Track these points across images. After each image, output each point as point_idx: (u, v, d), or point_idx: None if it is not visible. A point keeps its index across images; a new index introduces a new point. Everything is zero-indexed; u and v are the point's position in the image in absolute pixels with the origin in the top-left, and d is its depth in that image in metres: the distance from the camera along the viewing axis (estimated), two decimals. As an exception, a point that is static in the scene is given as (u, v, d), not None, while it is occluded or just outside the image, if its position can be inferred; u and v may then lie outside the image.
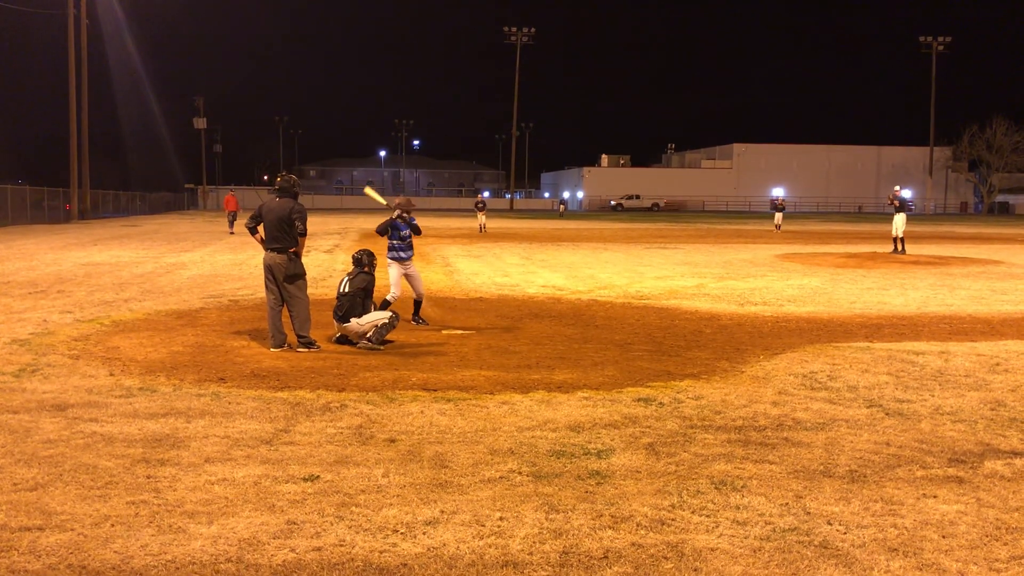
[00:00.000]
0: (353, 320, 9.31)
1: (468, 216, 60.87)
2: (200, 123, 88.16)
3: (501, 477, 5.08)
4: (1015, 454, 5.64)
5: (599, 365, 8.48)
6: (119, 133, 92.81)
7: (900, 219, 24.39)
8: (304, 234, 9.02)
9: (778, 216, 41.81)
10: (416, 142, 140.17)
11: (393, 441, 5.79)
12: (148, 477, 5.02)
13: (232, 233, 33.13)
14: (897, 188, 25.94)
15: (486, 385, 7.49)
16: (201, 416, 6.37)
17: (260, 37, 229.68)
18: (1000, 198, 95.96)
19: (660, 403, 6.90)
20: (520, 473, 5.15)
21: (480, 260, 21.66)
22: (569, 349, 9.34)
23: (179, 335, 10.02)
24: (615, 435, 5.99)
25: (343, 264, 20.29)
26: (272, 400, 6.88)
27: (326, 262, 20.79)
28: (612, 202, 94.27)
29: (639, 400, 6.99)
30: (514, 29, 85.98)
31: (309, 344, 9.06)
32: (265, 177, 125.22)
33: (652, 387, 7.49)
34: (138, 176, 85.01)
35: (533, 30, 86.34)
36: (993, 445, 5.84)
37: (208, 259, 21.68)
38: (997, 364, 8.58)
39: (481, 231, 36.65)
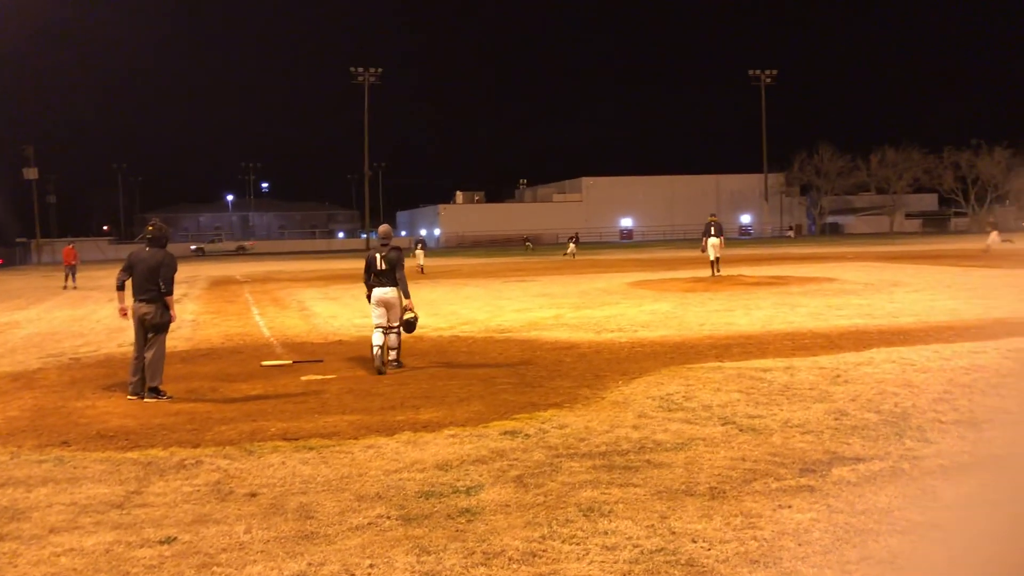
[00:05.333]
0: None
1: (323, 259, 60.02)
2: (31, 173, 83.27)
3: (369, 523, 4.98)
4: (859, 460, 5.97)
5: (464, 401, 8.47)
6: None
7: (714, 243, 25.50)
8: (170, 293, 9.14)
9: (571, 247, 46.53)
10: (265, 185, 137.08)
11: (254, 495, 5.59)
12: (-16, 555, 4.64)
13: (70, 288, 31.33)
14: (712, 215, 27.41)
15: (349, 430, 7.34)
16: (43, 484, 5.96)
17: (94, 81, 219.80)
18: (831, 219, 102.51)
19: (526, 435, 6.95)
20: (389, 517, 5.07)
21: (338, 302, 21.32)
22: (433, 387, 9.29)
23: (15, 399, 9.37)
24: (483, 470, 5.98)
25: (192, 314, 19.57)
26: (121, 461, 6.52)
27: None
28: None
29: (505, 433, 7.02)
30: (361, 69, 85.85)
31: (159, 394, 8.96)
32: (105, 228, 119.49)
33: (518, 419, 7.53)
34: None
35: (380, 70, 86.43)
36: (839, 453, 6.17)
37: (45, 316, 20.44)
38: (838, 376, 9.09)
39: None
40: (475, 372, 10.19)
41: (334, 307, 20.04)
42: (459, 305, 19.41)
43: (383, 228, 11.13)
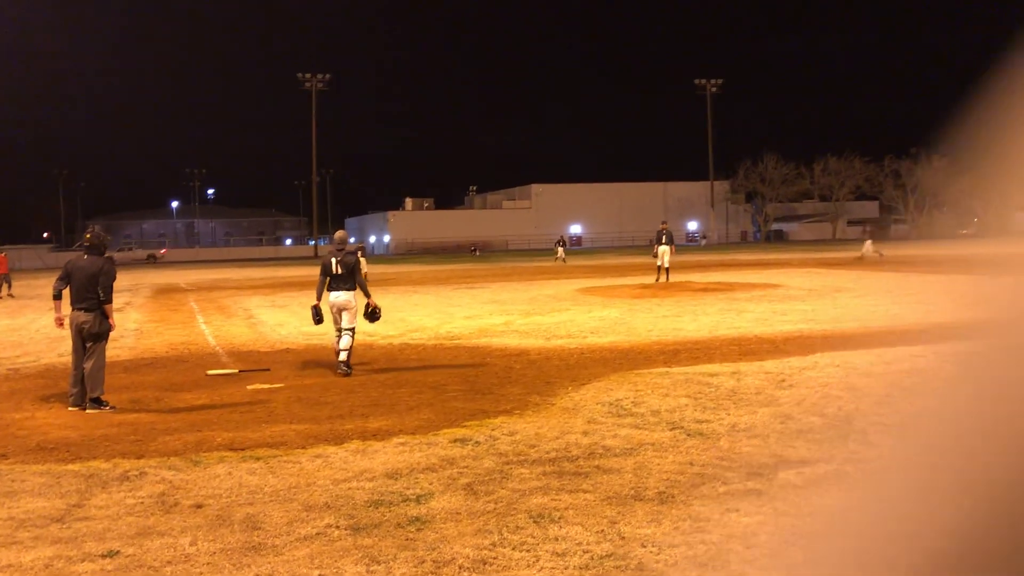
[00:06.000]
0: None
1: (270, 266, 59.40)
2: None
3: (318, 533, 4.93)
4: (804, 463, 6.07)
5: (414, 409, 8.43)
6: None
7: (664, 250, 25.98)
8: (109, 301, 8.89)
9: (560, 251, 47.98)
10: (211, 191, 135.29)
11: (200, 506, 5.49)
12: (-84, 573, 4.49)
13: (5, 296, 30.49)
14: (663, 223, 28.02)
15: (297, 439, 7.26)
16: (-21, 499, 5.79)
17: (34, 84, 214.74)
18: (775, 226, 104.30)
19: (476, 442, 6.93)
20: (338, 527, 5.02)
21: (285, 310, 21.09)
22: (383, 395, 9.23)
23: (-51, 411, 9.09)
24: (433, 478, 5.95)
25: (135, 323, 19.21)
26: (62, 474, 6.36)
27: (117, 320, 19.52)
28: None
29: (455, 441, 7.00)
30: (309, 75, 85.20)
31: (101, 404, 8.75)
32: (45, 235, 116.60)
33: (468, 427, 7.52)
34: None
35: (328, 76, 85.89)
36: (785, 456, 6.26)
37: (-19, 325, 19.87)
38: (783, 380, 9.22)
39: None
40: (425, 379, 10.15)
41: (281, 315, 19.81)
42: (408, 312, 19.32)
43: (339, 233, 11.33)
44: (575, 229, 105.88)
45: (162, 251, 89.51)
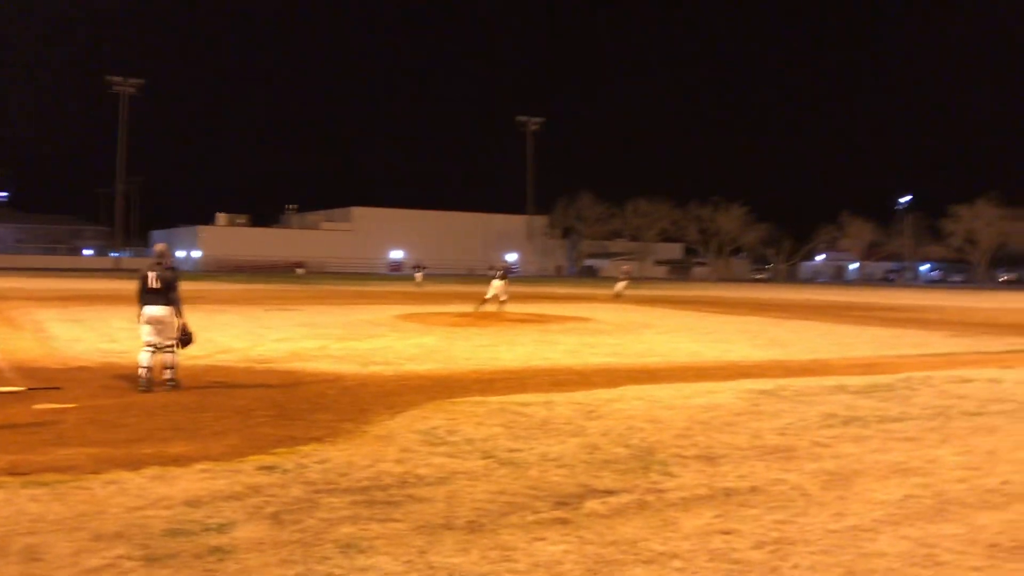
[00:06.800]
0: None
1: (67, 277, 55.57)
2: None
3: (108, 565, 4.62)
4: (609, 492, 6.28)
5: (219, 434, 8.08)
6: None
7: (498, 284, 26.31)
8: None
9: (418, 276, 51.18)
10: (3, 193, 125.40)
11: (-28, 537, 5.02)
12: None
13: None
14: (504, 260, 28.86)
15: (89, 464, 6.79)
16: None
17: None
18: (588, 262, 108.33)
19: (284, 470, 6.73)
20: (130, 558, 4.72)
21: (82, 324, 19.75)
22: (185, 419, 8.79)
23: None
24: (237, 507, 5.72)
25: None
26: None
27: None
28: None
29: (262, 468, 6.76)
30: (119, 79, 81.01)
31: None
32: None
33: (276, 454, 7.28)
34: None
35: (141, 81, 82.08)
36: (591, 485, 6.46)
37: None
38: (591, 411, 9.53)
39: None
40: (232, 403, 9.76)
41: (77, 330, 18.54)
42: (216, 332, 18.53)
43: (160, 247, 11.29)
44: (396, 254, 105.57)
45: None
